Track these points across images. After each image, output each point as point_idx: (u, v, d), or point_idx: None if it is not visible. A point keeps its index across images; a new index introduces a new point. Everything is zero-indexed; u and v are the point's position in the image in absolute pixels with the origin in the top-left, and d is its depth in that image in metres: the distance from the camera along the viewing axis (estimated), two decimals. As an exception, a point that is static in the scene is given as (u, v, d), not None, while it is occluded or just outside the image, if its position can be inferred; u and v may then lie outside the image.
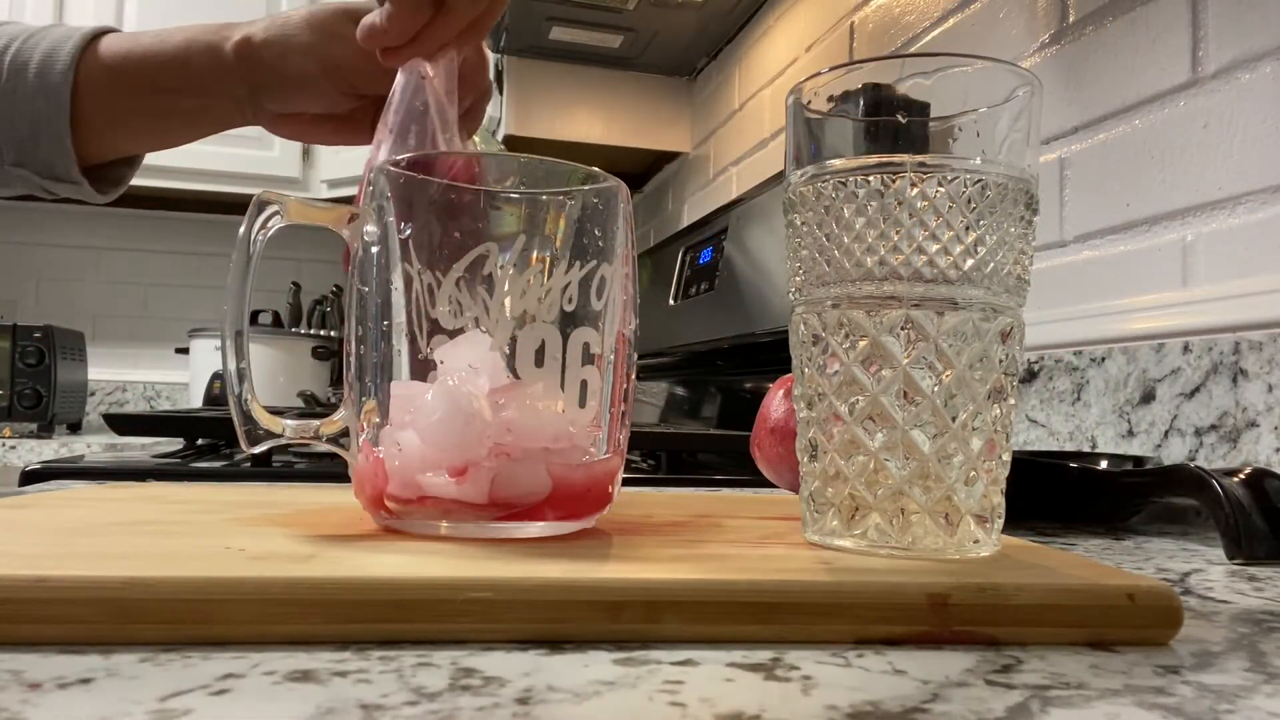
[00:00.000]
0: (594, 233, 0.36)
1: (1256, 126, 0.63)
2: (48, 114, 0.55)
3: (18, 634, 0.23)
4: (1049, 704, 0.21)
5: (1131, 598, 0.27)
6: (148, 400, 2.38)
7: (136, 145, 0.60)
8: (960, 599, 0.27)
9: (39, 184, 0.59)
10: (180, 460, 0.84)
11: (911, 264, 0.32)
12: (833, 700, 0.21)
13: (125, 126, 0.58)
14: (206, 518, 0.36)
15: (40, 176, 0.58)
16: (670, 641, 0.26)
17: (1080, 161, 0.78)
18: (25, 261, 2.33)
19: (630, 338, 0.38)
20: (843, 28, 1.22)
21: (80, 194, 0.59)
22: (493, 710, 0.20)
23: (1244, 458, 0.59)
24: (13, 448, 1.63)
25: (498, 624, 0.25)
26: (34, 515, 0.36)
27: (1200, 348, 0.63)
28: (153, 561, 0.26)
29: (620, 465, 0.37)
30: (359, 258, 0.36)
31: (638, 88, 1.82)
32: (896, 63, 0.35)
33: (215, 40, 0.56)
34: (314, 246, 2.41)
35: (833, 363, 0.34)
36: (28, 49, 0.56)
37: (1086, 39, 0.78)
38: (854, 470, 0.33)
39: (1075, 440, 0.74)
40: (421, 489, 0.33)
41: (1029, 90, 0.33)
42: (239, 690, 0.21)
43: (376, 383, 0.35)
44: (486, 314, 0.34)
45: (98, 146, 0.58)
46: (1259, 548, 0.43)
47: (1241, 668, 0.25)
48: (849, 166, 0.33)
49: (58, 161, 0.57)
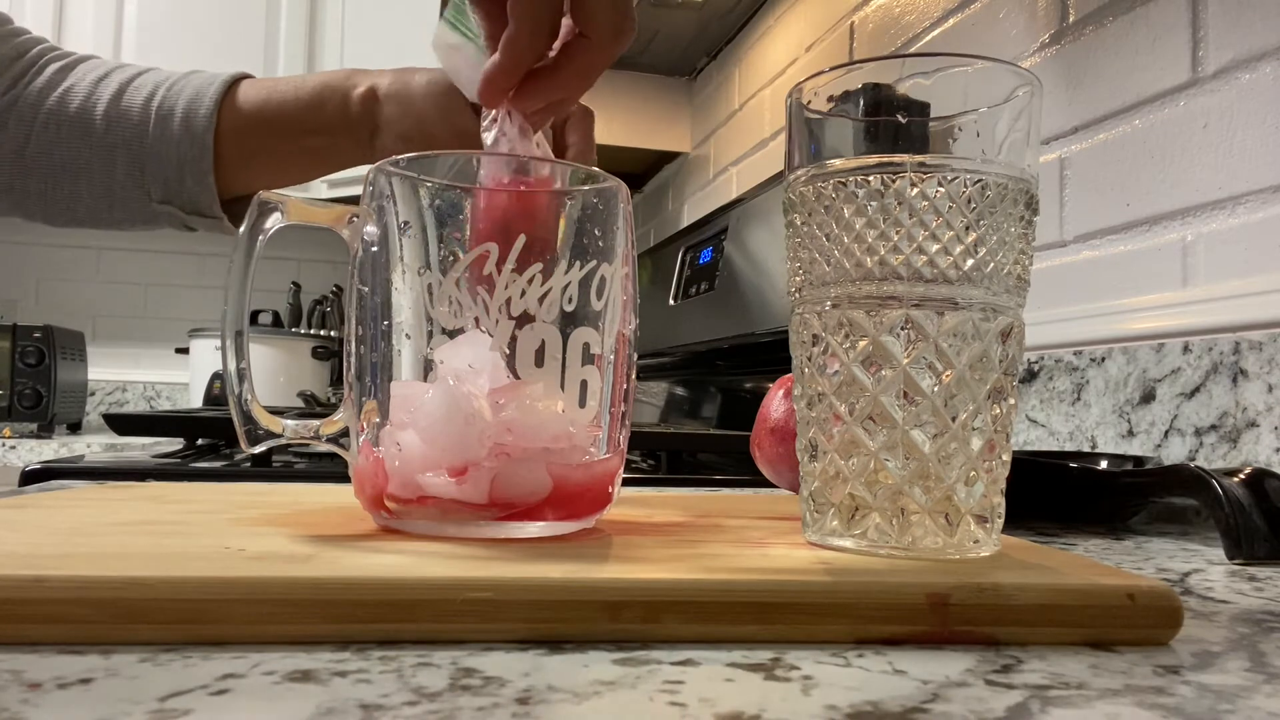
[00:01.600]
0: (594, 233, 0.36)
1: (1256, 126, 0.63)
2: (193, 156, 0.61)
3: (18, 634, 0.23)
4: (1049, 704, 0.21)
5: (1131, 598, 0.27)
6: (148, 400, 2.38)
7: (269, 182, 0.64)
8: (960, 599, 0.27)
9: (182, 220, 0.64)
10: (180, 460, 0.84)
11: (911, 264, 0.32)
12: (833, 700, 0.21)
13: (260, 165, 0.63)
14: (206, 518, 0.36)
15: (185, 212, 0.63)
16: (670, 641, 0.26)
17: (1080, 161, 0.78)
18: (25, 261, 2.33)
19: (630, 338, 0.38)
20: (843, 28, 1.22)
21: (220, 229, 0.65)
22: (493, 710, 0.20)
23: (1244, 458, 0.59)
24: (13, 448, 1.63)
25: (498, 624, 0.25)
26: (34, 515, 0.36)
27: (1200, 348, 0.63)
28: (153, 561, 0.26)
29: (620, 465, 0.37)
30: (359, 258, 0.36)
31: (638, 88, 1.82)
32: (896, 63, 0.35)
33: (345, 87, 0.61)
34: (314, 246, 2.41)
35: (833, 363, 0.34)
36: (172, 96, 0.62)
37: (1086, 39, 0.78)
38: (854, 470, 0.33)
39: (1075, 440, 0.74)
40: (421, 489, 0.33)
41: (1029, 90, 0.33)
42: (239, 690, 0.21)
43: (376, 383, 0.35)
44: (486, 314, 0.34)
45: (235, 183, 0.63)
46: (1259, 548, 0.43)
47: (1241, 668, 0.25)
48: (849, 166, 0.33)
49: (201, 199, 0.62)
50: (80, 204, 0.63)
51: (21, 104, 0.61)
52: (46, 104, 0.61)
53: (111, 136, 0.61)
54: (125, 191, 0.62)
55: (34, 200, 0.63)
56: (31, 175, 0.61)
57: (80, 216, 0.64)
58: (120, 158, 0.61)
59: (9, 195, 0.63)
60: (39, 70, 0.62)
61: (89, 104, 0.61)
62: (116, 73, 0.63)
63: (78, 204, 0.63)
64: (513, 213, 0.35)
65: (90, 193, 0.62)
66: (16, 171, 0.61)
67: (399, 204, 0.35)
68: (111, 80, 0.62)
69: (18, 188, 0.62)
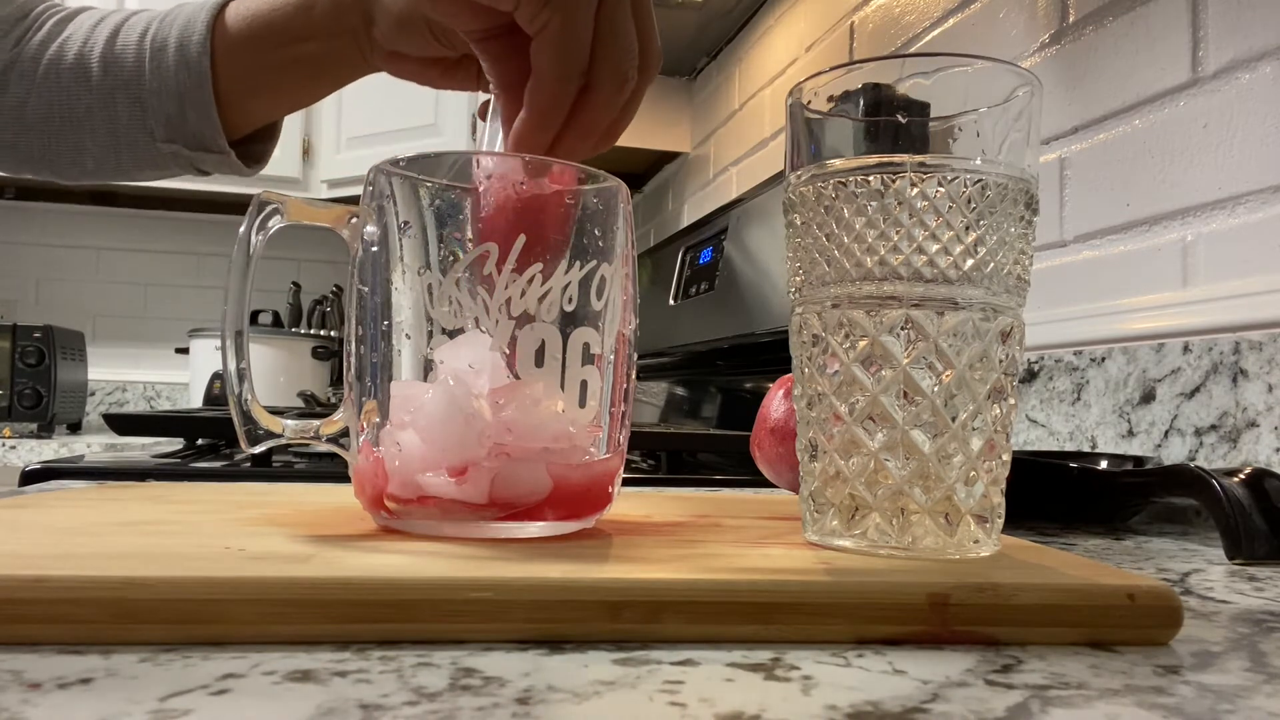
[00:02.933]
0: (594, 233, 0.36)
1: (1256, 126, 0.63)
2: (191, 85, 0.59)
3: (18, 634, 0.23)
4: (1049, 704, 0.21)
5: (1131, 598, 0.27)
6: (148, 400, 2.38)
7: (272, 106, 0.63)
8: (960, 599, 0.27)
9: (189, 158, 0.62)
10: (180, 460, 0.84)
11: (911, 264, 0.32)
12: (833, 700, 0.21)
13: (260, 87, 0.61)
14: (206, 518, 0.36)
15: (190, 149, 0.61)
16: (670, 641, 0.26)
17: (1080, 161, 0.78)
18: (25, 261, 2.33)
19: (630, 338, 0.38)
20: (843, 28, 1.22)
21: (228, 165, 0.63)
22: (493, 710, 0.20)
23: (1244, 458, 0.59)
24: (13, 448, 1.63)
25: (498, 624, 0.25)
26: (34, 515, 0.36)
27: (1200, 348, 0.63)
28: (153, 561, 0.26)
29: (620, 465, 0.37)
30: (359, 258, 0.36)
31: (638, 88, 1.82)
32: (896, 63, 0.35)
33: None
34: (314, 246, 2.41)
35: (833, 363, 0.34)
36: (164, 29, 0.60)
37: (1086, 39, 0.78)
38: (854, 470, 0.33)
39: (1075, 440, 0.74)
40: (421, 489, 0.33)
41: (1029, 90, 0.33)
42: (239, 690, 0.21)
43: (376, 383, 0.35)
44: (486, 314, 0.34)
45: (239, 115, 0.62)
46: (1259, 548, 0.43)
47: (1241, 668, 0.25)
48: (849, 166, 0.33)
49: (205, 131, 0.60)
50: (87, 155, 0.62)
51: (23, 60, 0.60)
52: (46, 57, 0.60)
53: (110, 79, 0.60)
54: (129, 136, 0.61)
55: (40, 156, 0.62)
56: (35, 131, 0.61)
57: (89, 169, 0.63)
58: (121, 100, 0.60)
59: (14, 153, 0.62)
60: (40, 26, 0.62)
61: (85, 50, 0.60)
62: (112, 16, 0.62)
63: (84, 155, 0.62)
64: (524, 208, 0.35)
65: (95, 142, 0.61)
66: (20, 128, 0.60)
67: (399, 204, 0.35)
68: (106, 24, 0.62)
69: (22, 145, 0.61)
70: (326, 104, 2.12)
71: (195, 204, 2.30)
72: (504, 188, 0.35)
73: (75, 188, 2.18)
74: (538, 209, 0.35)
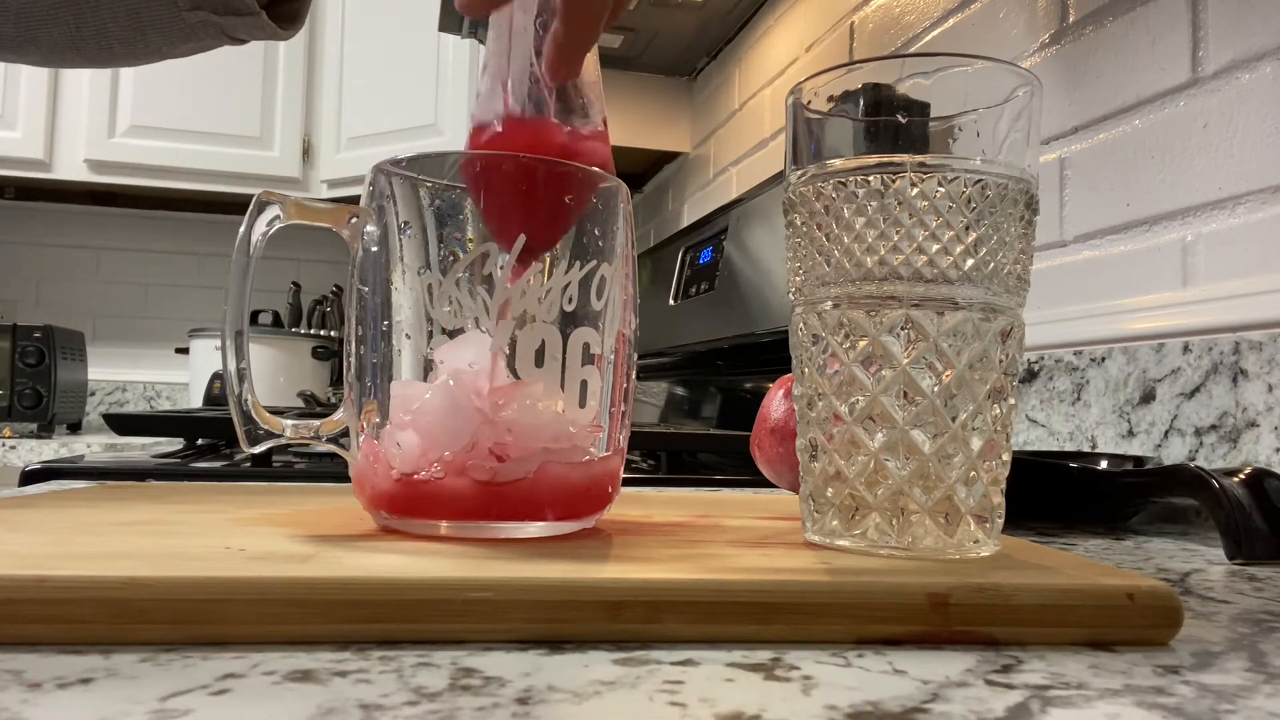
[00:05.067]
0: (594, 233, 0.36)
1: (1256, 126, 0.63)
2: None
3: (18, 634, 0.23)
4: (1049, 704, 0.21)
5: (1131, 598, 0.27)
6: (148, 400, 2.38)
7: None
8: (960, 599, 0.27)
9: (218, 24, 0.59)
10: (180, 460, 0.84)
11: (911, 264, 0.32)
12: (833, 700, 0.21)
13: None
14: (206, 518, 0.36)
15: (218, 14, 0.59)
16: (670, 641, 0.26)
17: (1080, 161, 0.78)
18: (25, 261, 2.33)
19: (630, 338, 0.38)
20: (843, 28, 1.22)
21: (260, 28, 0.60)
22: (493, 710, 0.20)
23: (1244, 458, 0.59)
24: (13, 448, 1.63)
25: (498, 624, 0.25)
26: (34, 515, 0.36)
27: (1200, 348, 0.63)
28: (153, 561, 0.26)
29: (620, 465, 0.37)
30: (359, 258, 0.36)
31: (638, 88, 1.82)
32: (896, 63, 0.35)
33: None
34: (314, 246, 2.41)
35: (833, 363, 0.34)
36: None
37: (1086, 39, 0.78)
38: (854, 470, 0.33)
39: (1075, 440, 0.74)
40: (421, 489, 0.33)
41: (1029, 90, 0.33)
42: (239, 690, 0.21)
43: (376, 383, 0.35)
44: (486, 314, 0.34)
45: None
46: (1259, 548, 0.43)
47: (1241, 668, 0.25)
48: (849, 166, 0.33)
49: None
50: (111, 37, 0.60)
51: None
52: None
53: None
54: (151, 9, 0.59)
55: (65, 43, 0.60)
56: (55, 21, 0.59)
57: (117, 52, 0.61)
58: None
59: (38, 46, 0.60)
60: None
61: None
62: None
63: (108, 37, 0.60)
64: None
65: (116, 21, 0.59)
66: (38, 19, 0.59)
67: (399, 204, 0.35)
68: None
69: (42, 36, 0.59)
70: (327, 104, 2.12)
71: (195, 204, 2.30)
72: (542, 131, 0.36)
73: (76, 187, 2.17)
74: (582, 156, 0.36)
